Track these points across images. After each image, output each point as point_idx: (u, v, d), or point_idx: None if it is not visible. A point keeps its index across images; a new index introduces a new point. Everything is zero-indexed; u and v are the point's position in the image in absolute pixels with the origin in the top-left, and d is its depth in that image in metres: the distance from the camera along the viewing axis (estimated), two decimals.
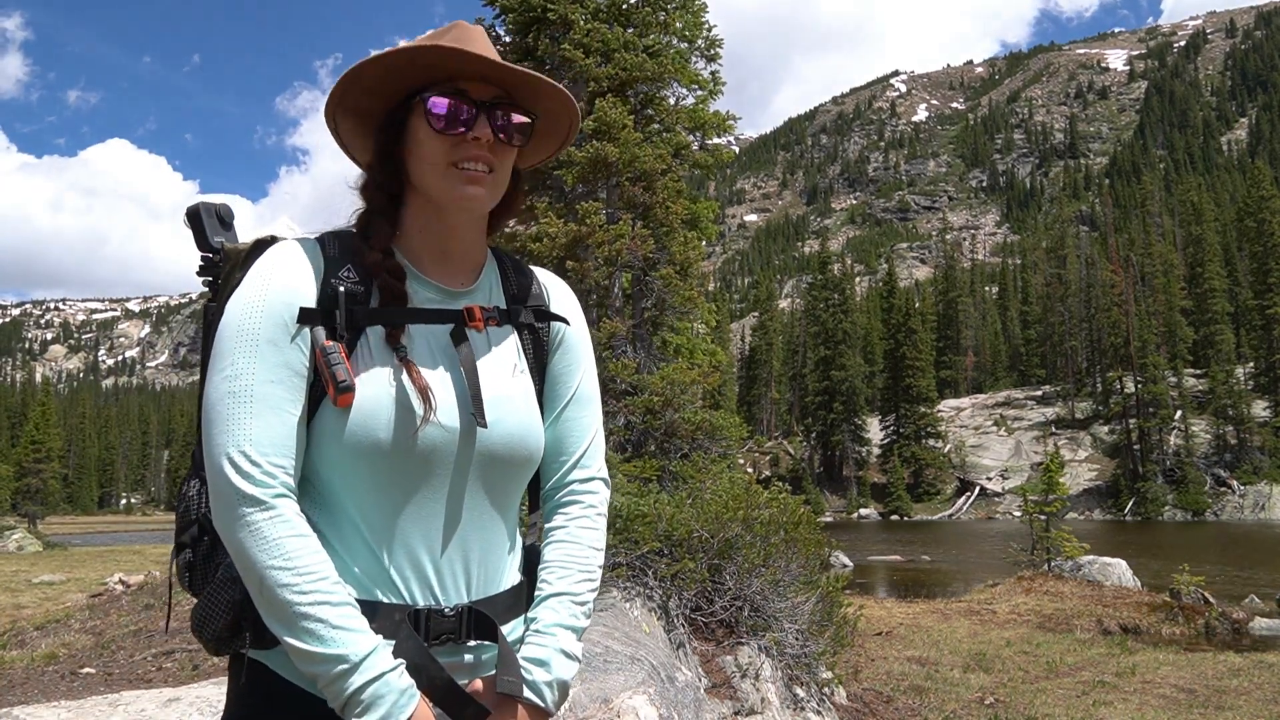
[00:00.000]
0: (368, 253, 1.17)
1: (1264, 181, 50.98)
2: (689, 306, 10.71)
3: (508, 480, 1.22)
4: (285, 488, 1.07)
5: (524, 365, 1.27)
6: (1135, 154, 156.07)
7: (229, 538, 1.06)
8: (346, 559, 1.12)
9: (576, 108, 1.25)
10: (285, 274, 1.13)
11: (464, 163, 1.16)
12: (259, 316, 1.10)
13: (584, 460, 1.31)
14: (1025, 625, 11.98)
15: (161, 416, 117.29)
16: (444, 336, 1.19)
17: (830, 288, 59.34)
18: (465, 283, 1.25)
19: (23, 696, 6.15)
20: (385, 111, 1.21)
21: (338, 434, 1.10)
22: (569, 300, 1.36)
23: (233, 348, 1.09)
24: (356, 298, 1.14)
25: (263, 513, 1.04)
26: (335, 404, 1.09)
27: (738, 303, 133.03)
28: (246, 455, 1.05)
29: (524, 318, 1.28)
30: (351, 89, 1.17)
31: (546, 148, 1.32)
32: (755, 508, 5.78)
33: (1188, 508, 41.96)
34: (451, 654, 1.16)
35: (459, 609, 1.16)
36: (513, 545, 1.27)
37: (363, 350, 1.13)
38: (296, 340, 1.10)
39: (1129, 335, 48.01)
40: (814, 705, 5.49)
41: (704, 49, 12.09)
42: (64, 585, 15.08)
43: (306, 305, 1.11)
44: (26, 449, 42.63)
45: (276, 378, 1.09)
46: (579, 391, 1.32)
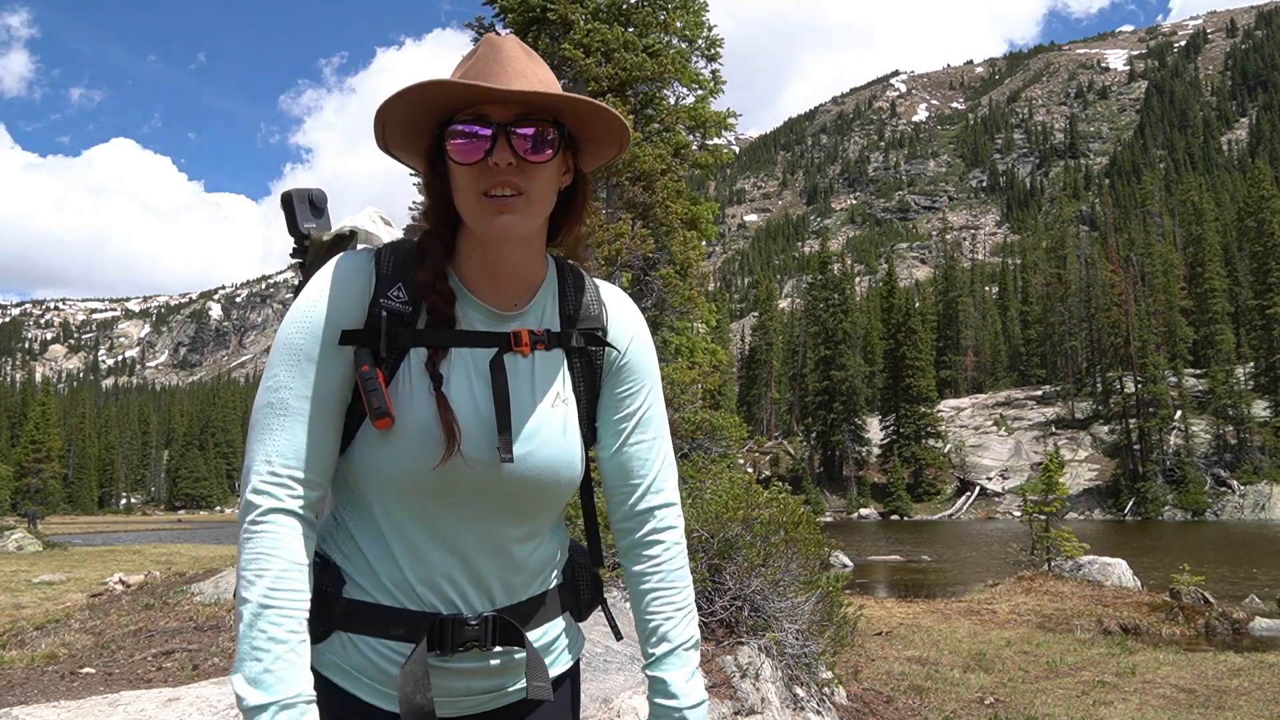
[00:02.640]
0: (420, 273, 1.17)
1: (1264, 181, 50.99)
2: (689, 306, 10.71)
3: (541, 505, 1.22)
4: (296, 501, 1.10)
5: (568, 392, 1.24)
6: (1135, 154, 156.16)
7: (240, 533, 1.11)
8: (375, 565, 1.16)
9: (606, 109, 1.17)
10: (334, 293, 1.15)
11: (491, 190, 1.13)
12: (304, 334, 1.13)
13: (654, 487, 1.30)
14: (1025, 625, 11.98)
15: (161, 416, 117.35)
16: (486, 361, 1.18)
17: (830, 288, 59.36)
18: (518, 304, 1.22)
19: (23, 696, 6.15)
20: (425, 144, 1.20)
21: (370, 455, 1.14)
22: (631, 321, 1.31)
23: (278, 360, 1.14)
24: (402, 318, 1.15)
25: (256, 523, 1.08)
26: (374, 426, 1.11)
27: (738, 303, 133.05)
28: (269, 464, 1.10)
29: (575, 341, 1.24)
30: (388, 129, 1.17)
31: (604, 149, 1.25)
32: (755, 507, 5.78)
33: (1188, 508, 41.96)
34: (477, 659, 1.19)
35: (483, 618, 1.18)
36: (549, 553, 1.27)
37: (404, 373, 1.14)
38: (338, 359, 1.13)
39: (1129, 335, 48.02)
40: (814, 705, 5.49)
41: (704, 48, 12.09)
42: (64, 585, 15.08)
43: (351, 327, 1.14)
44: (26, 449, 42.60)
45: (311, 394, 1.12)
46: (643, 416, 1.30)
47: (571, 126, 1.19)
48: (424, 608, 1.16)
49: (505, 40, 1.17)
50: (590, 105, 1.15)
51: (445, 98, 1.12)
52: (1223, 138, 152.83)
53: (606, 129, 1.20)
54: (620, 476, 1.29)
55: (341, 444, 1.17)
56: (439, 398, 1.12)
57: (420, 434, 1.11)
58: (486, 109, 1.13)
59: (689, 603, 1.30)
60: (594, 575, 1.35)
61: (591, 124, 1.19)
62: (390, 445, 1.12)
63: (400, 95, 1.12)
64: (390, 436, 1.12)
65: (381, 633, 1.14)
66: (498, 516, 1.18)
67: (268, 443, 1.10)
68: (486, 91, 1.10)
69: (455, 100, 1.13)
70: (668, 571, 1.29)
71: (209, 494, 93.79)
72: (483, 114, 1.12)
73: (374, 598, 1.16)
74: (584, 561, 1.35)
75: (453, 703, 1.20)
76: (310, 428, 1.12)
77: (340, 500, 1.21)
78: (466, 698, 1.21)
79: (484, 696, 1.23)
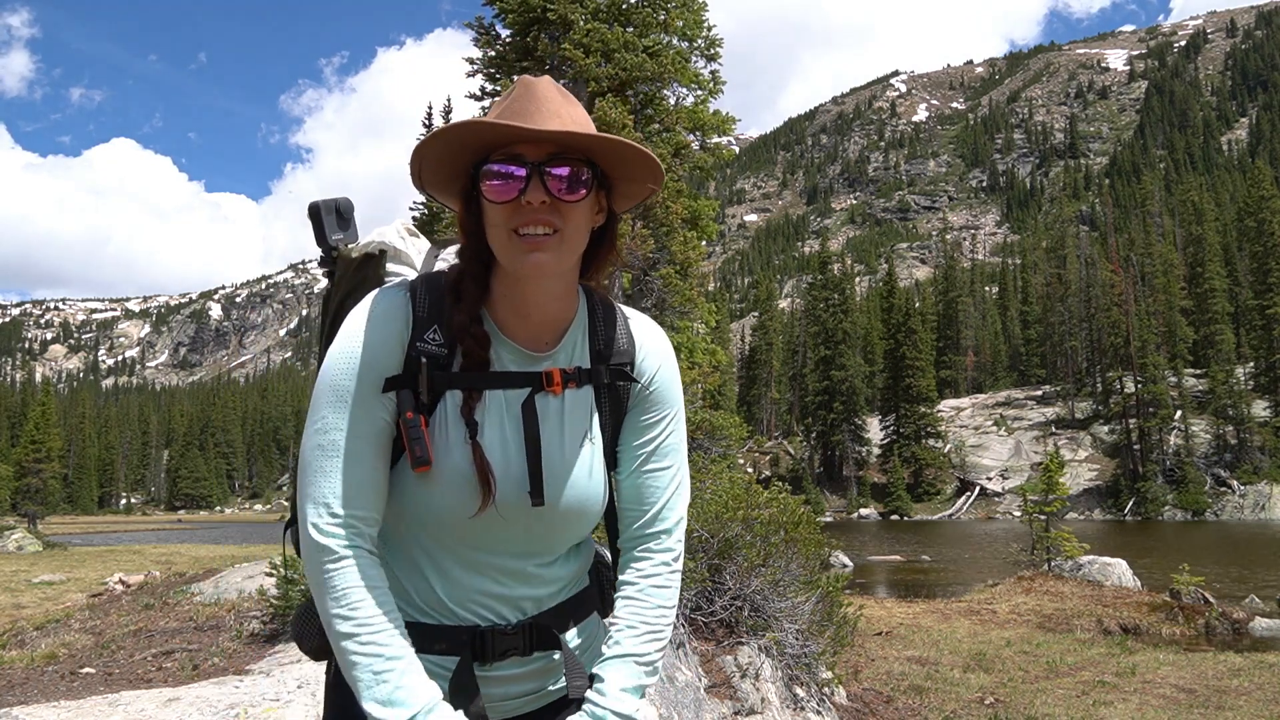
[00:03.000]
0: (455, 315, 1.20)
1: (1264, 181, 50.95)
2: (689, 306, 10.71)
3: (566, 539, 1.28)
4: (361, 538, 1.16)
5: (596, 430, 1.27)
6: (1135, 154, 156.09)
7: (310, 580, 1.16)
8: (410, 589, 1.23)
9: (639, 149, 1.18)
10: (372, 336, 1.18)
11: (524, 228, 1.15)
12: (348, 377, 1.17)
13: (660, 515, 1.32)
14: (1025, 625, 11.98)
15: (161, 416, 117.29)
16: (518, 404, 1.21)
17: (830, 288, 59.33)
18: (549, 343, 1.25)
19: (23, 696, 6.15)
20: (460, 184, 1.22)
21: (408, 494, 1.19)
22: (658, 352, 1.34)
23: (324, 402, 1.17)
24: (439, 361, 1.19)
25: (335, 563, 1.13)
26: (414, 470, 1.16)
27: (738, 303, 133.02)
28: (329, 507, 1.15)
29: (604, 377, 1.27)
30: (424, 167, 1.20)
31: (635, 189, 1.25)
32: (755, 507, 5.78)
33: (1188, 508, 41.93)
34: (517, 665, 1.25)
35: (520, 625, 1.24)
36: (576, 566, 1.33)
37: (440, 417, 1.19)
38: (381, 401, 1.17)
39: (1129, 335, 48.00)
40: (814, 705, 5.49)
41: (704, 49, 12.10)
42: (64, 585, 15.08)
43: (391, 374, 1.17)
44: (26, 449, 42.54)
45: (360, 433, 1.16)
46: (661, 446, 1.32)
47: (605, 166, 1.20)
48: (461, 623, 1.22)
49: (540, 81, 1.19)
50: (624, 145, 1.16)
51: (481, 138, 1.15)
52: (1223, 138, 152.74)
53: (640, 169, 1.21)
54: (633, 500, 1.33)
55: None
56: (474, 447, 1.17)
57: (458, 481, 1.17)
58: (521, 148, 1.15)
59: (659, 626, 1.29)
60: (616, 580, 1.39)
61: (625, 164, 1.20)
62: (427, 489, 1.17)
63: (437, 135, 1.15)
64: (427, 480, 1.17)
65: (425, 648, 1.19)
66: (527, 551, 1.25)
67: (323, 485, 1.15)
68: (520, 131, 1.12)
69: (490, 140, 1.16)
70: (649, 587, 1.30)
71: (209, 494, 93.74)
72: (517, 153, 1.15)
73: (412, 617, 1.21)
74: (608, 565, 1.41)
75: (497, 707, 1.26)
76: (363, 467, 1.16)
77: (380, 533, 1.25)
78: (507, 701, 1.27)
79: (525, 699, 1.29)
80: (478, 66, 13.16)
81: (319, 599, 1.13)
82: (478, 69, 13.19)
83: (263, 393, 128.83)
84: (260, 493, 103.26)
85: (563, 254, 1.17)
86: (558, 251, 1.16)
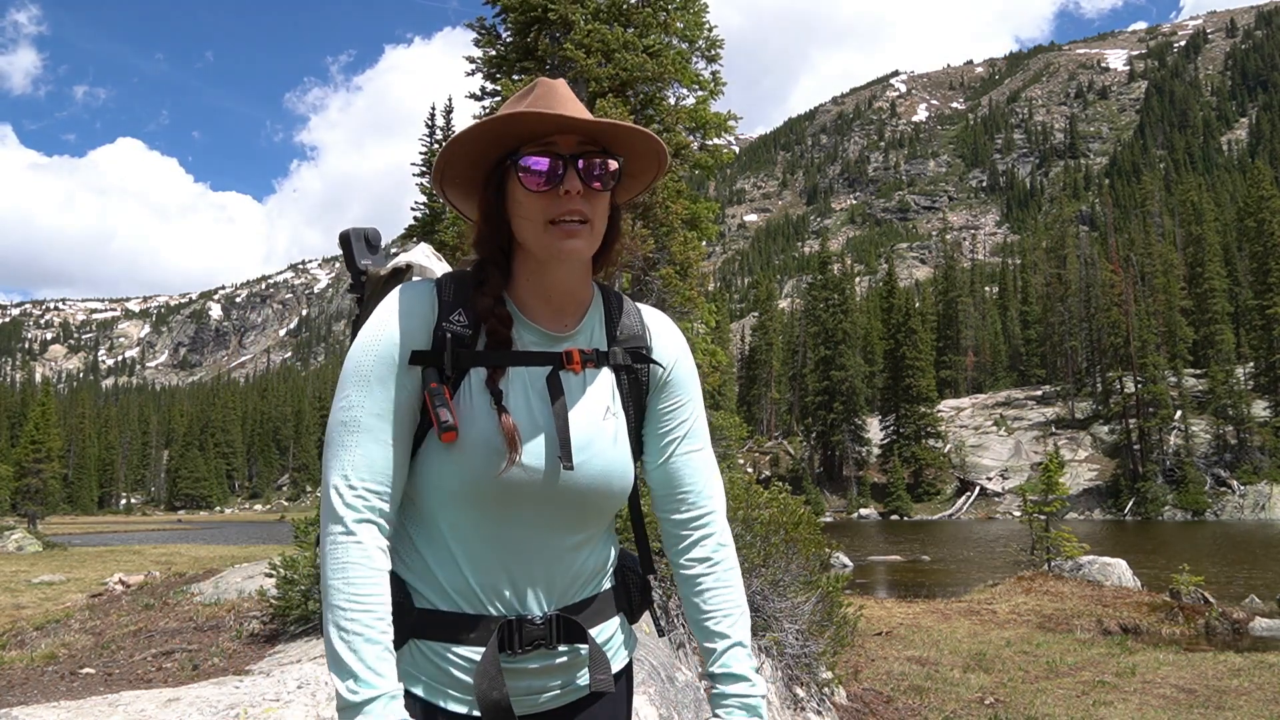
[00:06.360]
0: (479, 299, 1.25)
1: (1264, 181, 50.96)
2: (689, 306, 10.71)
3: (595, 513, 1.29)
4: (374, 513, 1.19)
5: (618, 407, 1.32)
6: (1135, 154, 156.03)
7: (320, 545, 1.19)
8: (437, 572, 1.24)
9: (661, 144, 1.28)
10: (400, 319, 1.24)
11: (560, 217, 1.21)
12: (372, 357, 1.22)
13: (700, 497, 1.37)
14: (1025, 625, 11.98)
15: (161, 416, 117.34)
16: (542, 379, 1.26)
17: (830, 288, 59.36)
18: (569, 325, 1.31)
19: (22, 696, 6.15)
20: (485, 175, 1.29)
21: (436, 466, 1.22)
22: (672, 341, 1.40)
23: (349, 382, 1.22)
24: (463, 341, 1.24)
25: (344, 535, 1.16)
26: (440, 439, 1.19)
27: (738, 303, 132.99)
28: (346, 479, 1.18)
29: (620, 359, 1.32)
30: (454, 162, 1.26)
31: (639, 184, 1.36)
32: (755, 508, 5.78)
33: (1188, 508, 41.95)
34: (544, 658, 1.27)
35: (548, 617, 1.26)
36: (602, 558, 1.35)
37: (465, 391, 1.22)
38: (406, 379, 1.22)
39: (1129, 335, 48.01)
40: (814, 705, 5.49)
41: (704, 49, 12.10)
42: (64, 585, 15.08)
43: (419, 349, 1.22)
44: (26, 449, 42.54)
45: (382, 411, 1.20)
46: (688, 430, 1.38)
47: (623, 157, 1.28)
48: (489, 612, 1.24)
49: (559, 81, 1.27)
50: (639, 134, 1.24)
51: (515, 130, 1.22)
52: (1223, 138, 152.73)
53: (647, 160, 1.30)
54: (667, 487, 1.37)
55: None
56: (500, 411, 1.21)
57: (483, 446, 1.19)
58: (552, 140, 1.22)
59: (744, 604, 1.35)
60: (643, 580, 1.42)
61: (635, 155, 1.29)
62: (454, 458, 1.20)
63: (478, 127, 1.21)
64: (454, 449, 1.20)
65: (453, 638, 1.22)
66: (554, 525, 1.26)
67: (344, 459, 1.19)
68: (569, 121, 1.20)
69: (523, 133, 1.22)
70: (721, 572, 1.35)
71: (209, 494, 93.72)
72: (551, 145, 1.22)
73: (441, 607, 1.24)
74: (633, 567, 1.42)
75: (523, 700, 1.27)
76: (383, 443, 1.20)
77: (405, 515, 1.28)
78: (530, 695, 1.28)
79: (552, 694, 1.30)
80: (478, 66, 13.17)
81: (323, 565, 1.17)
82: (478, 69, 13.20)
83: (262, 393, 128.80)
84: (260, 493, 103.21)
85: (593, 240, 1.25)
86: (589, 239, 1.24)
